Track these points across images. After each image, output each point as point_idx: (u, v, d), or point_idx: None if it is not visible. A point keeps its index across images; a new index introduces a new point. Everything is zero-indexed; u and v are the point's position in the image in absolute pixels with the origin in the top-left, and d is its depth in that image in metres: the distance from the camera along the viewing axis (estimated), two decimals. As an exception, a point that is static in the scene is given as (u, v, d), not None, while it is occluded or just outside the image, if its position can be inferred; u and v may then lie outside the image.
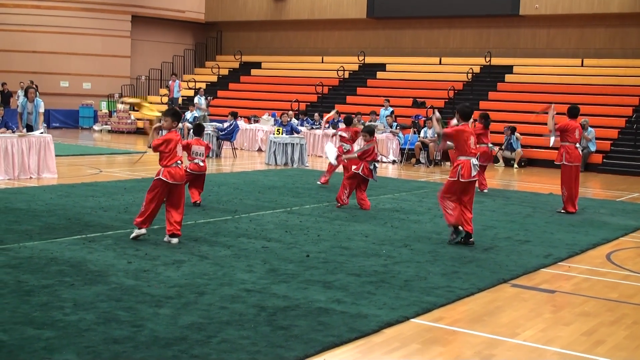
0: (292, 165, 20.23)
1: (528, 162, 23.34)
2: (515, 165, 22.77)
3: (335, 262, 8.54)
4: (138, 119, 32.46)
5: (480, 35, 31.06)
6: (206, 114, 26.91)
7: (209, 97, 29.64)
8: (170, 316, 6.23)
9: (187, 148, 11.92)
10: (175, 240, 9.24)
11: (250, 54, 36.56)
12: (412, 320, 6.53)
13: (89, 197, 12.70)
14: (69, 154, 20.61)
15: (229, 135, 22.66)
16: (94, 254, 8.42)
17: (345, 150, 14.81)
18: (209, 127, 22.52)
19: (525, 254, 9.54)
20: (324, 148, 23.92)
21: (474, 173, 9.86)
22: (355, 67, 32.71)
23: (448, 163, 22.68)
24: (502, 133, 23.22)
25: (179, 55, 37.14)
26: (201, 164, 12.33)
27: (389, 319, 6.45)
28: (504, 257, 9.26)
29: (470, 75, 28.79)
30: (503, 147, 22.95)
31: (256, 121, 26.50)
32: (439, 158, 22.72)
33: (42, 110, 16.54)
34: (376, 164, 12.89)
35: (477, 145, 10.98)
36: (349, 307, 6.72)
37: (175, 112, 9.69)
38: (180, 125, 12.15)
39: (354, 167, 12.77)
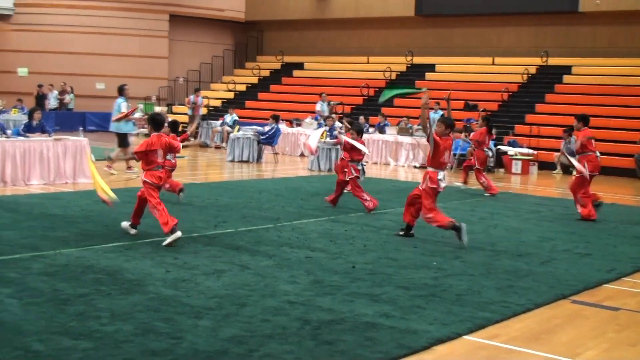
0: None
1: (588, 169, 22.98)
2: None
3: (382, 273, 8.51)
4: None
5: (536, 33, 30.75)
6: (198, 114, 27.71)
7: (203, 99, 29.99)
8: (210, 328, 6.27)
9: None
10: (179, 234, 9.60)
11: (293, 54, 36.68)
12: (464, 337, 6.48)
13: (126, 203, 12.80)
14: (105, 158, 20.82)
15: (271, 139, 22.76)
16: (131, 262, 8.51)
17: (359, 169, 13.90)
18: (248, 131, 22.64)
19: (586, 268, 9.40)
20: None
21: (442, 185, 10.60)
22: (403, 68, 32.62)
23: (502, 170, 22.49)
24: (561, 138, 22.91)
25: (218, 55, 37.42)
26: (172, 160, 13.03)
27: (440, 335, 6.41)
28: (563, 271, 9.14)
29: (525, 76, 28.53)
30: (562, 152, 22.65)
31: (298, 124, 26.57)
32: (492, 165, 22.51)
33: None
34: (364, 164, 13.65)
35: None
36: (398, 322, 6.69)
37: (155, 120, 10.06)
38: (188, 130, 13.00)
39: (347, 174, 13.28)
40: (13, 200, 12.91)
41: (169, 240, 9.47)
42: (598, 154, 13.82)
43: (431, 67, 31.80)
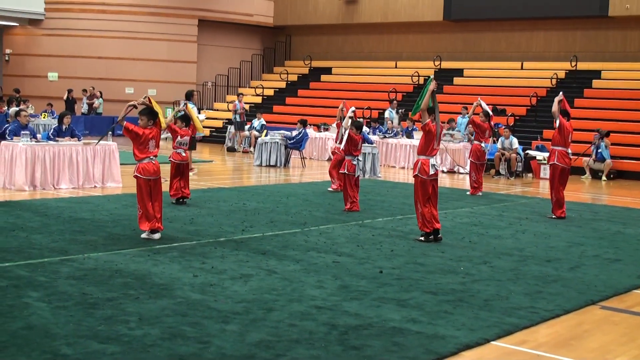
0: (364, 176, 20.18)
1: (618, 175, 22.80)
2: (604, 178, 22.28)
3: (410, 279, 8.49)
4: (203, 127, 32.83)
5: (565, 37, 30.54)
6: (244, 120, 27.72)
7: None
8: (237, 333, 6.28)
9: (173, 132, 13.64)
10: (157, 236, 10.01)
11: (321, 59, 36.72)
12: (492, 342, 6.44)
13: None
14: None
15: (298, 144, 22.78)
16: (159, 266, 8.55)
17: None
18: (276, 135, 22.66)
19: (615, 273, 9.31)
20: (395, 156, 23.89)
21: (432, 172, 10.92)
22: (431, 73, 32.44)
23: (530, 175, 22.35)
24: (590, 143, 22.74)
25: (247, 60, 37.54)
26: (183, 154, 13.53)
27: (468, 340, 6.37)
28: (592, 276, 9.06)
29: (554, 81, 28.33)
30: (592, 156, 22.47)
31: (326, 129, 26.55)
32: (521, 169, 22.38)
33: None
34: (359, 159, 13.84)
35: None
36: (425, 327, 6.66)
37: (151, 111, 10.44)
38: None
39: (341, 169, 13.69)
40: (42, 204, 13.02)
41: (144, 235, 10.03)
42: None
43: (459, 72, 31.68)
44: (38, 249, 9.23)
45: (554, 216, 13.69)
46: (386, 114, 26.68)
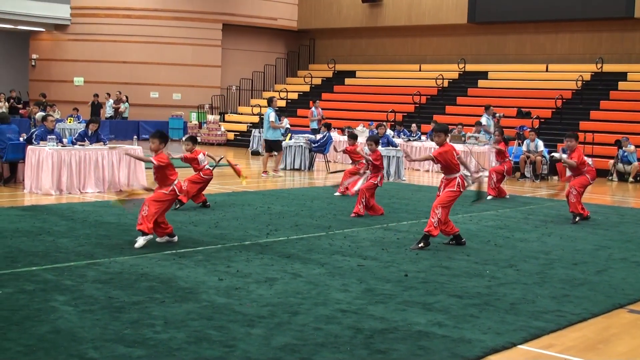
0: (388, 179, 20.15)
1: (644, 177, 22.59)
2: (631, 179, 22.07)
3: (435, 282, 8.45)
4: (228, 131, 33.03)
5: (591, 39, 30.33)
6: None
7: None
8: (262, 337, 6.27)
9: (191, 161, 13.23)
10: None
11: (344, 62, 36.73)
12: (519, 346, 6.39)
13: (179, 211, 12.95)
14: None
15: (322, 147, 22.78)
16: (184, 270, 8.57)
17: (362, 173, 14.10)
18: (300, 139, 22.68)
19: (643, 276, 9.22)
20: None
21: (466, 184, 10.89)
22: (455, 75, 32.43)
23: (556, 177, 22.19)
24: (615, 145, 22.56)
25: (271, 64, 37.63)
26: (210, 168, 13.58)
27: (495, 344, 6.33)
28: (620, 280, 8.97)
29: (580, 83, 28.14)
30: (618, 160, 22.29)
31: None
32: (546, 172, 22.24)
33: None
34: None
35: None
36: (451, 331, 6.63)
37: (162, 134, 10.35)
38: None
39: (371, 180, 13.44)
40: (68, 208, 13.11)
41: (141, 241, 9.82)
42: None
43: (484, 75, 31.56)
44: (64, 253, 9.29)
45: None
46: (483, 121, 24.51)
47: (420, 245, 10.41)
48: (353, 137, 15.82)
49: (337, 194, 15.98)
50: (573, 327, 7.03)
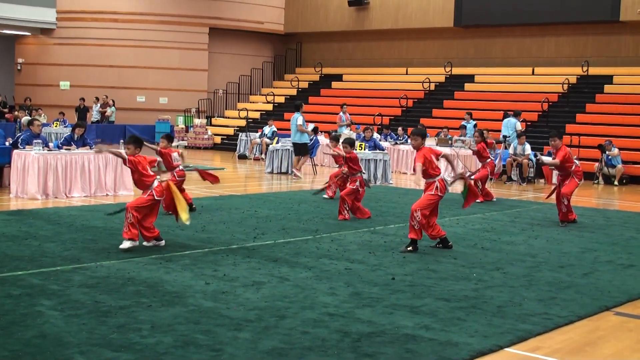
0: (375, 183, 20.18)
1: (630, 180, 22.70)
2: (616, 182, 22.18)
3: (422, 285, 8.46)
4: (215, 135, 32.98)
5: (576, 43, 30.48)
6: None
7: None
8: (250, 340, 6.26)
9: (165, 155, 13.01)
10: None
11: (331, 65, 36.76)
12: (506, 349, 6.40)
13: (166, 215, 12.92)
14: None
15: (310, 151, 22.77)
16: (171, 274, 8.55)
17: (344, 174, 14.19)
18: (287, 143, 22.66)
19: (629, 279, 9.25)
20: (409, 164, 23.82)
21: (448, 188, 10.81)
22: (442, 79, 32.51)
23: (542, 180, 22.27)
24: (598, 148, 22.66)
25: (258, 68, 37.62)
26: (183, 169, 13.45)
27: (482, 347, 6.34)
28: (606, 282, 9.01)
29: (565, 86, 28.27)
30: (602, 164, 22.39)
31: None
32: (533, 175, 22.30)
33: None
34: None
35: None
36: (438, 334, 6.63)
37: (136, 139, 10.44)
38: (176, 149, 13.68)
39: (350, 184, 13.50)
40: (55, 212, 13.06)
41: (127, 244, 9.82)
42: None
43: (470, 78, 31.66)
44: (50, 257, 9.25)
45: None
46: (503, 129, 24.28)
47: (408, 248, 10.44)
48: (335, 139, 16.16)
49: (325, 196, 16.01)
50: (560, 329, 7.06)
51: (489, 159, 16.95)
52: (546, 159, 14.24)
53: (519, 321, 7.15)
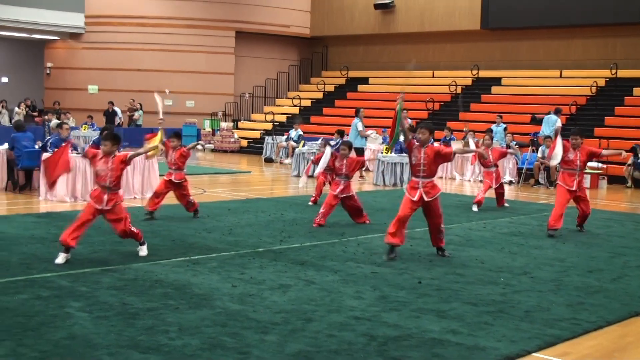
0: (402, 186, 20.11)
1: (660, 183, 22.46)
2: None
3: (449, 289, 8.43)
4: (241, 138, 33.08)
5: (605, 45, 30.21)
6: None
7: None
8: (276, 343, 6.28)
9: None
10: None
11: (357, 69, 36.73)
12: (534, 354, 6.36)
13: (193, 218, 12.99)
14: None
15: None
16: (199, 276, 8.59)
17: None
18: (313, 146, 22.68)
19: (659, 284, 9.17)
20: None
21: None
22: (469, 82, 32.38)
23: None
24: (630, 152, 22.45)
25: (284, 71, 37.70)
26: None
27: (509, 352, 6.31)
28: (636, 287, 8.92)
29: (594, 89, 28.04)
30: (633, 167, 22.17)
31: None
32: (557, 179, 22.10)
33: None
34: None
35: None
36: (465, 339, 6.61)
37: (114, 136, 9.81)
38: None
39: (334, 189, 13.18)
40: (84, 215, 13.14)
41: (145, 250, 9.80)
42: None
43: (497, 81, 31.50)
44: (79, 260, 9.32)
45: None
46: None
47: (446, 254, 10.43)
48: (350, 147, 15.34)
49: (310, 203, 15.60)
50: (588, 335, 7.00)
51: (494, 167, 16.10)
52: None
53: (547, 326, 7.10)
